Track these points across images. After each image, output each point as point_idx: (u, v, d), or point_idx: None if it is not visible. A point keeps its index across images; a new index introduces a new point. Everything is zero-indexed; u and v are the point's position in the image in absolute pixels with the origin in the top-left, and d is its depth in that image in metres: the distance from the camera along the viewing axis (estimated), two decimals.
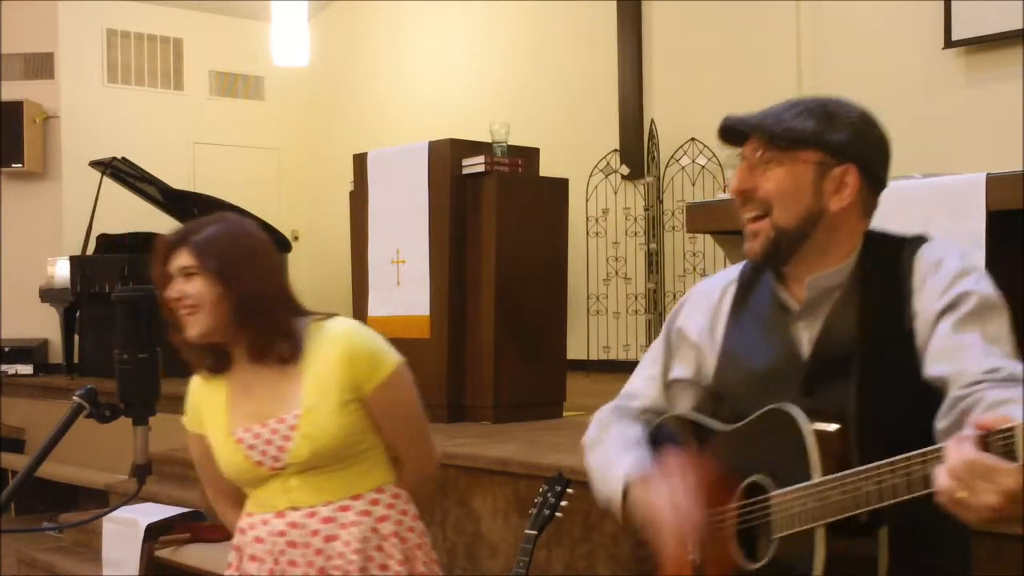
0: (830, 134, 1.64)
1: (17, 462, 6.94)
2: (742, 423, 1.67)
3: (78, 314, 7.65)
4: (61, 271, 7.60)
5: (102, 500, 5.88)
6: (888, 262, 1.65)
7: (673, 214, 6.61)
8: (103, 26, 8.73)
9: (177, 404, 2.27)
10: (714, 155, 6.29)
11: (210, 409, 2.20)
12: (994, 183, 3.37)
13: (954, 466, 1.24)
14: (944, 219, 3.44)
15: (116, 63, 8.80)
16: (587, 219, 6.89)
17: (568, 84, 7.29)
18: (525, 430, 4.44)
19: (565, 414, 4.96)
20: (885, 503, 1.37)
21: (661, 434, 1.84)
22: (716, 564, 1.65)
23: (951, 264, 1.60)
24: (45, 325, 8.10)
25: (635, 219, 6.80)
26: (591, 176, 6.91)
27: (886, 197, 1.71)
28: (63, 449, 1.75)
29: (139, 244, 7.55)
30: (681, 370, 1.85)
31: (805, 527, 1.48)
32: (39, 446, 1.60)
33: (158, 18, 8.99)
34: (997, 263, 3.38)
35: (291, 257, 7.74)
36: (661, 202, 6.70)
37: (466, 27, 8.13)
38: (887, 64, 5.35)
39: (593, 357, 6.86)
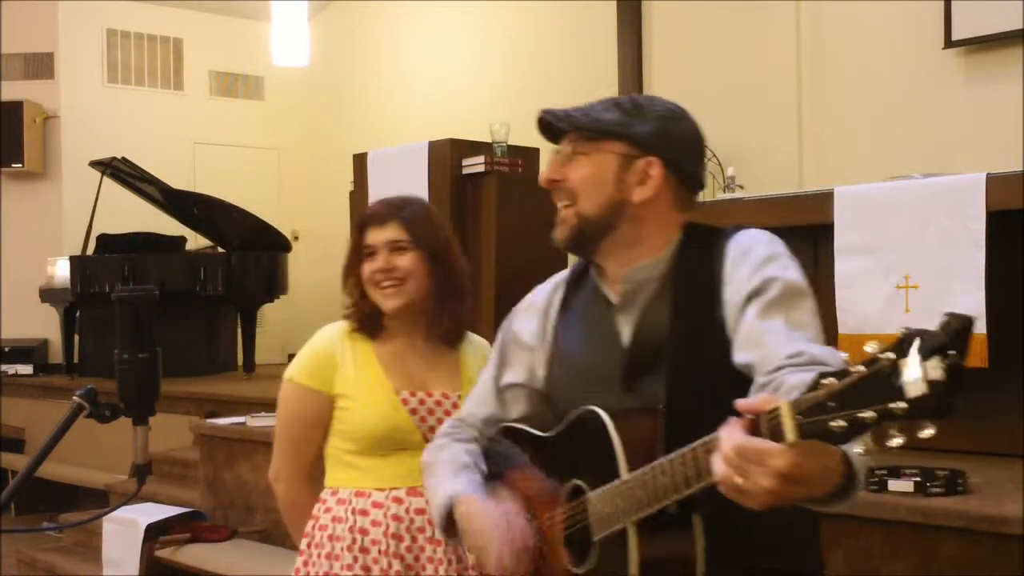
0: (634, 126, 1.66)
1: (17, 462, 6.94)
2: (560, 427, 1.67)
3: (78, 314, 7.66)
4: (61, 271, 7.60)
5: (102, 500, 5.88)
6: (702, 253, 1.65)
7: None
8: (103, 26, 8.73)
9: (177, 404, 2.27)
10: (714, 155, 6.28)
11: (355, 367, 2.23)
12: (994, 183, 3.38)
13: (727, 453, 1.23)
14: (944, 219, 3.44)
15: (116, 63, 8.80)
16: None
17: (568, 84, 7.28)
18: None
19: None
20: (682, 494, 1.36)
21: (495, 448, 1.84)
22: (549, 570, 1.64)
23: (758, 251, 1.61)
24: (45, 325, 8.10)
25: None
26: None
27: (886, 197, 1.70)
28: (63, 449, 1.75)
29: (139, 244, 7.55)
30: (513, 375, 1.85)
31: (617, 527, 1.47)
32: (39, 446, 1.60)
33: (158, 18, 8.98)
34: (997, 263, 3.39)
35: (291, 257, 7.75)
36: None
37: (466, 27, 8.13)
38: (887, 64, 5.35)
39: None
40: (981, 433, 3.41)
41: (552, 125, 1.74)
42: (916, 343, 1.06)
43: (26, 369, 8.00)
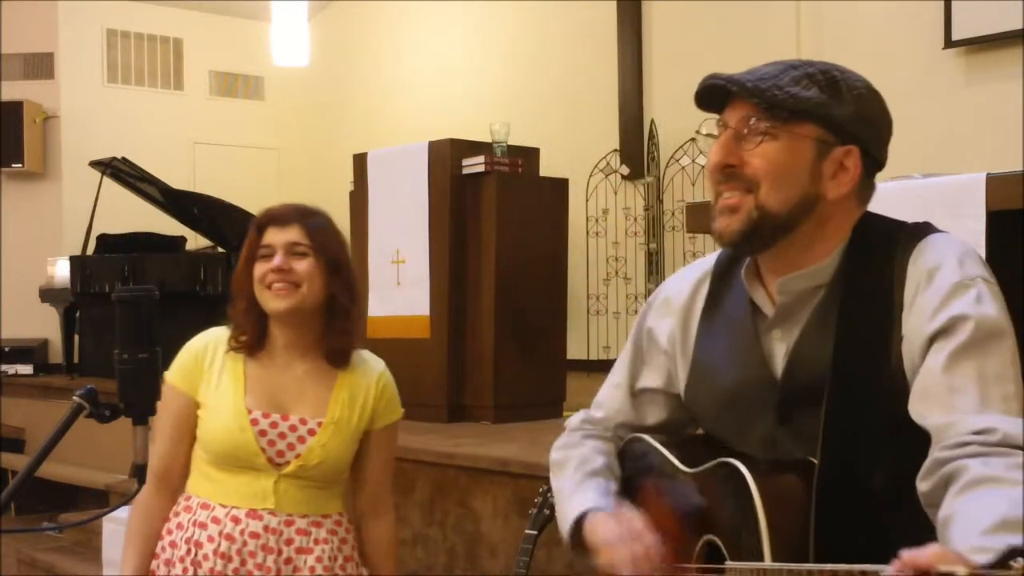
0: (834, 107, 1.39)
1: (17, 462, 6.94)
2: (700, 469, 1.43)
3: (78, 314, 7.65)
4: (61, 271, 7.60)
5: (102, 500, 5.87)
6: (878, 261, 1.39)
7: (673, 214, 6.61)
8: (103, 26, 8.73)
9: None
10: None
11: (219, 378, 2.16)
12: (994, 183, 3.37)
13: None
14: (944, 219, 3.44)
15: (116, 63, 8.80)
16: (587, 219, 6.88)
17: (568, 84, 7.29)
18: (525, 430, 4.44)
19: (565, 414, 4.95)
20: None
21: (629, 455, 1.64)
22: None
23: (947, 275, 1.34)
24: (45, 325, 8.10)
25: (635, 219, 6.80)
26: (591, 176, 6.91)
27: (886, 197, 1.62)
28: (63, 449, 1.75)
29: (139, 244, 7.55)
30: (650, 379, 1.63)
31: None
32: (39, 446, 1.60)
33: (158, 18, 8.98)
34: (997, 263, 3.38)
35: None
36: (661, 202, 6.69)
37: (466, 27, 8.13)
38: (887, 64, 5.35)
39: (593, 357, 6.85)
40: None
41: (716, 92, 1.46)
42: None
43: (26, 369, 8.00)
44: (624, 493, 1.59)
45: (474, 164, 4.90)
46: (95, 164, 7.56)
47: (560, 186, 5.16)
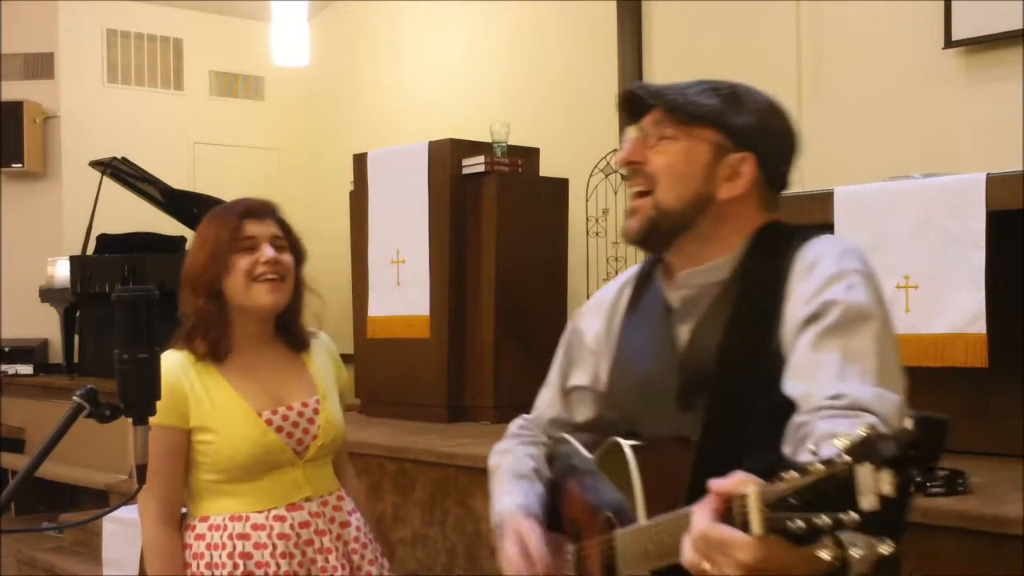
0: (733, 115, 1.53)
1: (17, 462, 6.94)
2: (596, 453, 1.57)
3: (78, 314, 7.65)
4: (61, 271, 7.60)
5: (102, 500, 5.88)
6: (770, 260, 1.49)
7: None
8: (103, 26, 8.72)
9: None
10: None
11: (209, 397, 2.14)
12: (994, 183, 3.38)
13: (694, 536, 1.11)
14: (944, 219, 3.44)
15: (116, 63, 8.80)
16: (587, 219, 6.88)
17: (568, 84, 7.29)
18: None
19: None
20: (676, 560, 1.20)
21: (556, 456, 1.76)
22: None
23: (824, 267, 1.44)
24: (45, 325, 8.09)
25: None
26: (591, 176, 6.91)
27: (886, 197, 1.66)
28: (63, 449, 1.75)
29: (139, 244, 7.55)
30: (579, 377, 1.75)
31: (638, 572, 1.37)
32: (39, 446, 1.60)
33: (158, 18, 8.98)
34: (997, 263, 3.39)
35: None
36: None
37: (466, 27, 8.13)
38: (887, 64, 5.35)
39: None
40: (981, 433, 3.41)
41: (638, 101, 1.59)
42: (872, 448, 0.95)
43: (26, 369, 8.00)
44: (552, 492, 1.73)
45: (474, 164, 4.90)
46: (95, 164, 7.56)
47: (560, 186, 5.16)
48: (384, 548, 2.37)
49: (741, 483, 1.09)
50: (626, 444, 1.45)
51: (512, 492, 1.70)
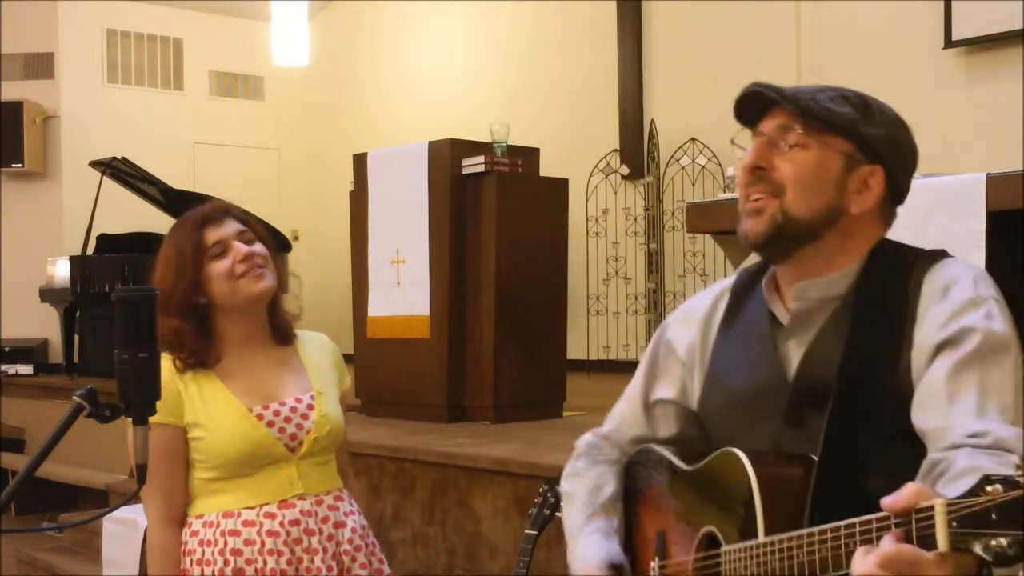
0: (866, 126, 1.46)
1: (17, 462, 6.94)
2: (701, 463, 1.48)
3: (78, 314, 7.65)
4: (61, 271, 7.60)
5: (102, 500, 5.88)
6: (894, 278, 1.44)
7: (673, 214, 6.61)
8: (103, 26, 8.73)
9: None
10: (714, 155, 6.28)
11: (202, 394, 2.15)
12: (994, 183, 3.37)
13: (887, 555, 1.04)
14: (944, 219, 3.44)
15: (116, 63, 8.80)
16: (587, 219, 6.89)
17: (568, 84, 7.29)
18: (525, 430, 4.44)
19: (565, 414, 4.96)
20: None
21: (637, 467, 1.68)
22: None
23: (960, 292, 1.38)
24: (45, 325, 8.10)
25: (635, 219, 6.80)
26: (591, 176, 6.92)
27: None
28: (63, 449, 1.75)
29: (139, 244, 7.55)
30: (665, 390, 1.66)
31: None
32: (39, 446, 1.60)
33: (158, 18, 8.99)
34: (997, 263, 3.38)
35: (291, 257, 7.74)
36: (661, 202, 6.70)
37: (466, 27, 8.14)
38: (887, 64, 5.35)
39: (593, 357, 6.86)
40: None
41: (758, 101, 1.50)
42: None
43: (26, 369, 8.00)
44: (628, 501, 1.66)
45: (474, 164, 4.90)
46: (95, 164, 7.57)
47: (560, 186, 5.16)
48: (384, 549, 2.35)
49: (916, 494, 1.03)
50: (744, 456, 1.35)
51: (592, 534, 1.62)
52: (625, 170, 6.85)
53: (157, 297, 1.66)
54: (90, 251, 7.57)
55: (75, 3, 8.56)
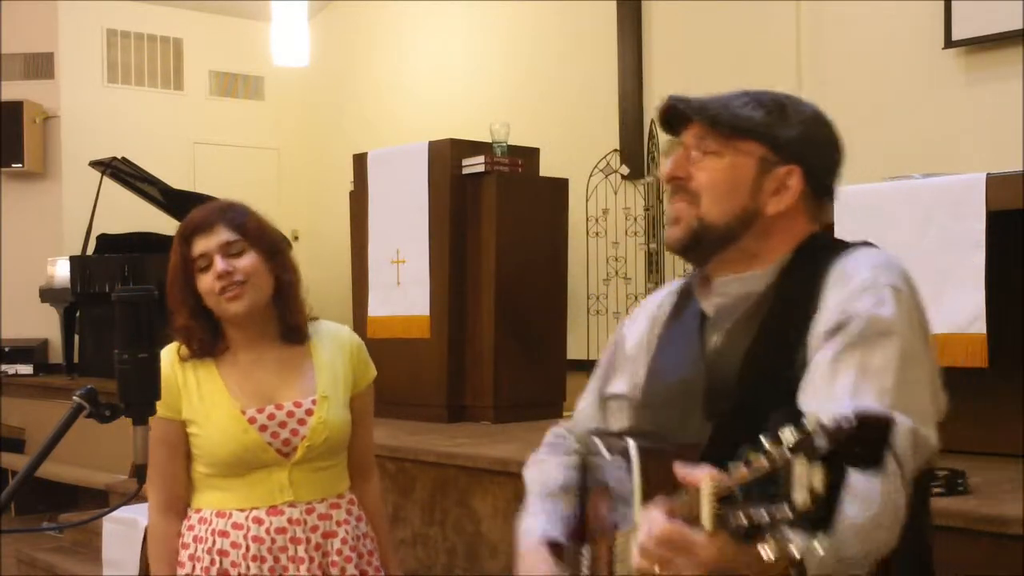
0: (779, 128, 1.49)
1: (17, 462, 6.94)
2: (615, 455, 1.54)
3: (78, 314, 7.65)
4: (61, 271, 7.60)
5: (102, 500, 5.88)
6: (809, 271, 1.46)
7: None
8: (103, 26, 8.73)
9: None
10: None
11: (199, 391, 2.14)
12: (994, 183, 3.38)
13: (644, 543, 1.10)
14: (944, 219, 3.44)
15: (116, 63, 8.80)
16: (587, 219, 6.88)
17: (568, 84, 7.29)
18: (525, 430, 4.44)
19: (565, 414, 4.96)
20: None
21: (589, 463, 1.72)
22: None
23: (859, 280, 1.40)
24: (45, 325, 8.10)
25: (635, 219, 6.80)
26: (591, 176, 6.91)
27: (886, 197, 1.64)
28: (63, 449, 1.75)
29: (139, 244, 7.55)
30: (619, 385, 1.70)
31: (626, 574, 1.36)
32: (39, 446, 1.60)
33: (158, 18, 8.98)
34: (997, 263, 3.39)
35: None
36: (661, 202, 6.69)
37: (466, 27, 8.13)
38: (887, 64, 5.35)
39: (593, 357, 6.84)
40: (981, 433, 3.41)
41: (678, 114, 1.54)
42: (811, 443, 0.94)
43: (26, 369, 8.00)
44: (583, 500, 1.70)
45: (474, 164, 4.90)
46: (95, 164, 7.56)
47: (560, 186, 5.16)
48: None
49: (694, 476, 1.07)
50: (633, 446, 1.43)
51: (537, 514, 1.69)
52: (625, 170, 6.85)
53: (156, 297, 1.66)
54: (90, 251, 7.57)
55: (75, 3, 8.56)
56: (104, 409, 1.71)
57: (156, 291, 1.71)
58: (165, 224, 7.89)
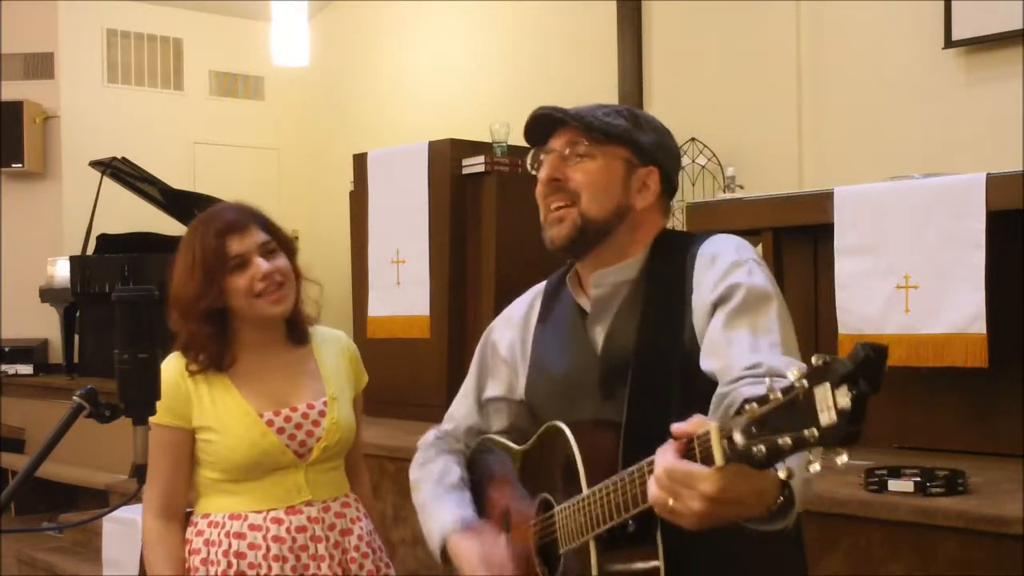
0: (638, 134, 1.70)
1: (17, 462, 6.94)
2: (531, 441, 1.71)
3: (78, 314, 7.65)
4: (61, 271, 7.60)
5: (102, 500, 5.88)
6: (673, 260, 1.67)
7: (673, 214, 6.60)
8: (103, 26, 8.72)
9: None
10: (714, 155, 6.29)
11: (213, 397, 2.14)
12: (994, 183, 3.38)
13: (658, 475, 1.24)
14: (944, 219, 3.44)
15: (116, 63, 8.80)
16: None
17: (568, 84, 7.28)
18: None
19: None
20: (631, 513, 1.37)
21: (477, 458, 1.89)
22: None
23: (725, 258, 1.62)
24: (45, 325, 8.09)
25: None
26: None
27: (886, 197, 1.71)
28: (63, 449, 1.75)
29: (139, 244, 7.54)
30: (495, 388, 1.89)
31: (581, 541, 1.50)
32: (39, 446, 1.60)
33: (158, 18, 8.98)
34: (997, 263, 3.39)
35: None
36: None
37: (466, 27, 8.13)
38: (887, 64, 5.35)
39: None
40: (981, 433, 3.42)
41: (544, 123, 1.73)
42: (828, 371, 1.08)
43: (26, 369, 8.00)
44: (475, 490, 1.87)
45: (474, 164, 4.90)
46: (95, 164, 7.56)
47: None
48: (385, 549, 2.35)
49: (700, 424, 1.23)
50: (566, 427, 1.57)
51: (447, 504, 1.82)
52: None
53: (157, 297, 1.66)
54: (90, 251, 7.57)
55: (75, 3, 8.56)
56: (104, 409, 1.71)
57: (156, 291, 1.71)
58: (165, 224, 7.89)
